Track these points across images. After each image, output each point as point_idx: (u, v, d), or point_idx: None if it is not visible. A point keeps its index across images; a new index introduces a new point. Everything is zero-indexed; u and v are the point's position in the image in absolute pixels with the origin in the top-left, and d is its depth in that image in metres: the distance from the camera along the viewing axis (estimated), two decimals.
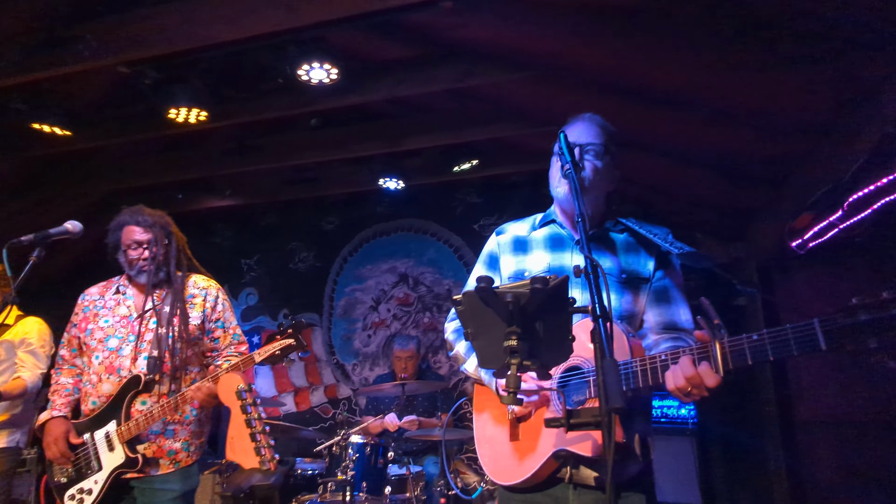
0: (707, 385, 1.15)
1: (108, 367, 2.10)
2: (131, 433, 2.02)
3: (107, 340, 2.14)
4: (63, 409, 2.15)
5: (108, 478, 2.02)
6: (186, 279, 2.26)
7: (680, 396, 1.20)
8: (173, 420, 2.10)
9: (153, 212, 2.25)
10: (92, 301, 2.25)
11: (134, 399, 2.05)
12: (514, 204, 5.06)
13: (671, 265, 1.52)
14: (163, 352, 2.07)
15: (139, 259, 2.15)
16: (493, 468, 1.50)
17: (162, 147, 4.60)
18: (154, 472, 2.06)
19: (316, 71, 2.87)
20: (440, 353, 5.16)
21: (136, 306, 2.19)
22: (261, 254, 5.86)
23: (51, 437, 2.07)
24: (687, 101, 2.70)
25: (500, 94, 3.47)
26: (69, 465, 2.08)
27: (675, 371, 1.19)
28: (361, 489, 3.12)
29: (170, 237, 2.23)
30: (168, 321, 2.11)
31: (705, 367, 1.16)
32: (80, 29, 2.68)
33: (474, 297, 1.05)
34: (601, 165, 1.50)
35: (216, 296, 2.27)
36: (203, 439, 2.23)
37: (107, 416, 2.05)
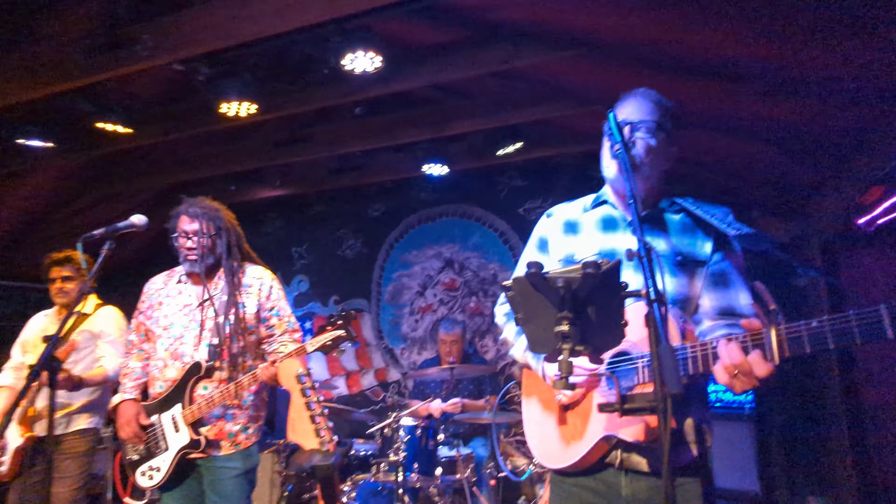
0: (757, 374, 1.11)
1: (172, 354, 2.22)
2: (194, 416, 2.13)
3: (171, 328, 2.26)
4: (133, 392, 2.30)
5: (174, 457, 2.15)
6: (241, 269, 2.34)
7: (728, 384, 1.16)
8: (232, 405, 2.20)
9: (205, 203, 2.32)
10: (156, 290, 2.37)
11: (196, 384, 2.17)
12: (560, 186, 4.98)
13: (731, 247, 1.45)
14: (222, 340, 2.16)
15: (184, 248, 2.25)
16: (541, 451, 1.51)
17: (215, 140, 4.77)
18: (216, 453, 2.18)
19: (360, 59, 2.89)
20: (487, 338, 5.18)
21: (197, 295, 2.30)
22: (310, 242, 6.02)
23: (123, 419, 2.22)
24: (744, 72, 2.56)
25: (544, 75, 3.40)
26: (141, 443, 2.23)
27: (722, 356, 1.15)
28: (413, 470, 3.20)
29: (219, 229, 2.29)
30: (226, 311, 2.20)
31: (756, 354, 1.11)
32: (138, 30, 2.80)
33: (524, 283, 1.05)
34: (655, 143, 1.44)
35: (270, 285, 2.34)
36: (261, 422, 2.33)
37: (172, 399, 2.18)
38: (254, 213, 6.02)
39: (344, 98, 3.46)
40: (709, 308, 1.42)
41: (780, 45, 2.32)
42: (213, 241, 2.27)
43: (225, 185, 5.20)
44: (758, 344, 1.13)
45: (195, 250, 2.24)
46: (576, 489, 1.45)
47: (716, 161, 3.79)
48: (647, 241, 1.09)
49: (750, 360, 1.11)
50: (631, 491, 1.37)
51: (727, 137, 3.29)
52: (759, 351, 1.11)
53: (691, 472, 1.35)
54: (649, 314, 1.01)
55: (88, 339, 2.97)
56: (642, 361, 1.31)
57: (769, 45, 2.33)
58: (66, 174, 4.64)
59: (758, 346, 1.12)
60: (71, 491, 2.86)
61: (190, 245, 2.24)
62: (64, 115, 3.50)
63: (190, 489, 2.22)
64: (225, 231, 2.30)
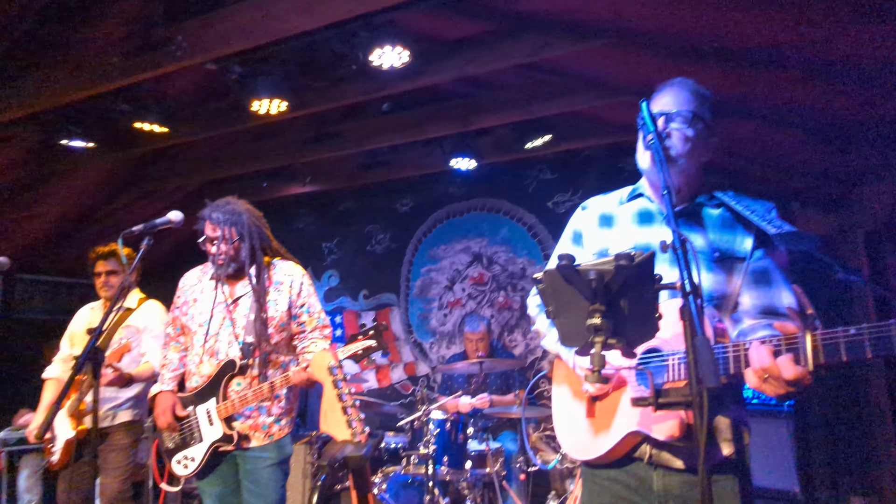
0: (786, 377, 1.07)
1: (208, 350, 2.28)
2: (228, 412, 2.19)
3: (206, 325, 2.31)
4: (170, 384, 2.37)
5: (208, 449, 2.22)
6: (273, 267, 2.38)
7: (758, 388, 1.12)
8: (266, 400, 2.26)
9: (228, 207, 2.32)
10: (191, 286, 2.43)
11: (230, 381, 2.23)
12: (589, 179, 4.91)
13: (773, 243, 1.39)
14: (256, 338, 2.22)
15: (210, 253, 2.31)
16: (568, 442, 1.51)
17: (247, 139, 4.87)
18: (251, 445, 2.24)
19: (387, 55, 2.90)
20: (516, 332, 5.16)
21: (230, 293, 2.35)
22: (340, 237, 6.10)
23: (160, 409, 2.29)
24: (782, 58, 2.47)
25: (573, 66, 3.34)
26: (176, 433, 2.30)
27: (752, 361, 1.12)
28: (443, 463, 3.22)
29: (241, 234, 2.30)
30: (257, 310, 2.25)
31: (786, 358, 1.07)
32: (172, 31, 2.87)
33: (556, 276, 1.04)
34: (692, 134, 1.39)
35: (301, 282, 2.38)
36: (293, 414, 2.38)
37: (207, 393, 2.24)
38: (285, 210, 6.13)
39: (372, 94, 3.48)
40: (749, 307, 1.37)
41: (821, 29, 2.23)
42: (236, 247, 2.29)
43: (257, 183, 5.31)
44: (791, 348, 1.09)
45: (220, 256, 2.29)
46: (607, 482, 1.44)
47: (752, 151, 3.67)
48: (681, 232, 1.06)
49: (779, 364, 1.07)
50: (663, 485, 1.35)
51: (764, 126, 3.19)
52: (791, 354, 1.07)
53: (727, 469, 1.32)
54: (684, 307, 0.99)
55: (133, 333, 3.04)
56: (674, 358, 1.29)
57: (810, 30, 2.24)
58: (107, 173, 4.81)
59: (791, 351, 1.08)
60: (117, 482, 2.93)
61: (214, 251, 2.29)
62: (104, 116, 3.61)
63: (225, 477, 2.29)
64: (248, 235, 2.31)
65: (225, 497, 2.30)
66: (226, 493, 2.30)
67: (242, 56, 3.05)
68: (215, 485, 2.29)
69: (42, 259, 5.36)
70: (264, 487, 2.22)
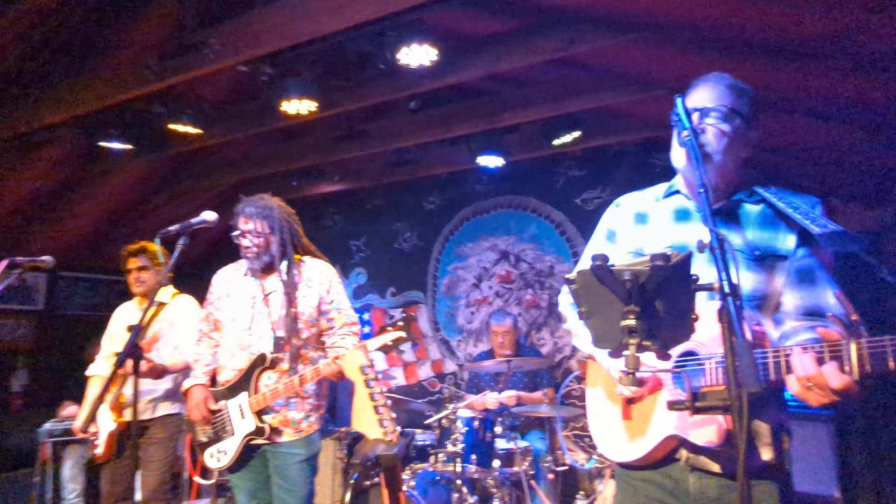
0: (832, 387, 1.02)
1: (239, 344, 2.32)
2: (260, 405, 2.23)
3: (238, 319, 2.36)
4: (203, 378, 2.42)
5: (240, 442, 2.26)
6: (302, 264, 2.42)
7: (801, 397, 1.08)
8: (295, 394, 2.29)
9: (261, 202, 2.38)
10: (225, 281, 2.49)
11: (261, 374, 2.27)
12: (619, 175, 4.83)
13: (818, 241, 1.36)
14: (286, 333, 2.25)
15: (242, 246, 2.35)
16: (604, 444, 1.48)
17: (278, 138, 4.95)
18: (280, 440, 2.27)
19: (415, 53, 2.90)
20: (543, 331, 5.12)
21: (262, 288, 2.39)
22: (368, 235, 6.14)
23: (193, 402, 2.34)
24: (821, 50, 2.38)
25: (602, 60, 3.29)
26: (209, 427, 2.35)
27: (795, 367, 1.07)
28: (471, 461, 3.22)
29: (273, 228, 2.35)
30: (289, 304, 2.29)
31: (832, 366, 1.03)
32: (205, 35, 2.93)
33: (589, 276, 1.02)
34: (728, 129, 1.34)
35: (331, 279, 2.41)
36: (322, 410, 2.41)
37: (239, 387, 2.28)
38: (314, 209, 6.21)
39: (400, 92, 3.50)
40: (792, 308, 1.32)
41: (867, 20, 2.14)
42: (267, 240, 2.35)
43: (287, 182, 5.39)
44: (835, 356, 1.04)
45: (251, 249, 2.33)
46: (642, 484, 1.42)
47: (791, 146, 3.55)
48: (719, 231, 1.03)
49: (824, 372, 1.03)
50: (699, 488, 1.32)
51: (805, 121, 3.08)
52: (836, 363, 1.03)
53: (767, 475, 1.29)
54: (723, 308, 0.96)
55: (167, 327, 3.13)
56: (711, 362, 1.25)
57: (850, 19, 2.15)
58: (143, 174, 4.95)
59: (835, 359, 1.04)
60: (157, 475, 2.99)
61: (246, 244, 2.33)
62: (140, 119, 3.72)
63: (256, 472, 2.33)
64: (279, 229, 2.36)
65: (256, 492, 2.34)
66: (257, 488, 2.34)
67: (272, 58, 3.10)
68: (247, 479, 2.33)
69: (82, 257, 5.56)
70: (293, 483, 2.25)
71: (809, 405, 1.08)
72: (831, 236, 1.15)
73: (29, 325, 5.34)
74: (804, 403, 1.07)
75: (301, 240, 2.48)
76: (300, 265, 2.42)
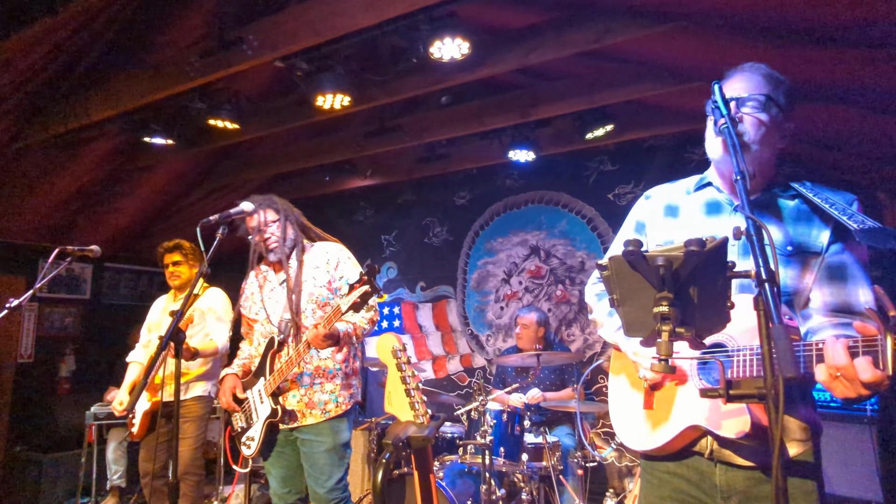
0: (863, 379, 1.01)
1: (262, 333, 2.44)
2: (271, 387, 2.29)
3: (259, 312, 2.47)
4: (235, 369, 2.51)
5: (262, 427, 2.32)
6: (310, 247, 2.50)
7: (827, 386, 1.06)
8: (319, 375, 2.33)
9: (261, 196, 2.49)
10: (248, 285, 2.58)
11: (274, 358, 2.33)
12: (653, 170, 4.74)
13: (853, 237, 1.31)
14: (291, 314, 2.31)
15: (261, 243, 2.43)
16: (624, 432, 1.48)
17: (311, 133, 5.03)
18: (305, 422, 2.31)
19: (447, 47, 2.92)
20: (573, 326, 5.08)
21: (277, 279, 2.49)
22: (399, 230, 6.20)
23: (222, 390, 2.45)
24: (873, 36, 2.29)
25: (636, 52, 3.24)
26: (241, 415, 2.43)
27: (826, 357, 1.06)
28: (499, 454, 3.23)
29: (279, 212, 2.46)
30: (295, 287, 2.35)
31: (865, 360, 1.01)
32: (243, 31, 3.01)
33: (622, 262, 1.02)
34: (765, 119, 1.33)
35: (337, 256, 2.46)
36: (352, 391, 2.42)
37: (259, 374, 2.37)
38: (346, 203, 6.30)
39: (433, 86, 3.51)
40: (821, 304, 1.30)
41: None
42: (279, 227, 2.44)
43: (320, 176, 5.48)
44: (870, 350, 1.02)
45: (272, 238, 2.42)
46: (667, 476, 1.41)
47: (835, 138, 3.43)
48: (757, 218, 1.02)
49: (856, 365, 1.01)
50: (726, 480, 1.31)
51: (850, 111, 2.97)
52: (870, 357, 1.01)
53: (796, 470, 1.26)
54: (760, 295, 0.94)
55: (199, 316, 3.31)
56: (741, 354, 1.23)
57: None
58: (183, 169, 5.11)
59: (869, 353, 1.02)
60: (190, 450, 3.21)
61: (266, 236, 2.42)
62: (181, 114, 3.85)
63: (288, 459, 2.39)
64: (283, 213, 2.46)
65: (287, 479, 2.40)
66: (288, 475, 2.39)
67: (308, 53, 3.16)
68: (279, 466, 2.39)
69: (126, 249, 5.78)
70: (320, 471, 2.29)
71: (834, 396, 1.06)
72: (869, 232, 1.12)
73: (76, 313, 5.60)
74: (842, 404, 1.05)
75: (305, 223, 2.56)
76: (308, 249, 2.50)
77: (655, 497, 1.44)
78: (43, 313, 5.32)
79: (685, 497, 1.37)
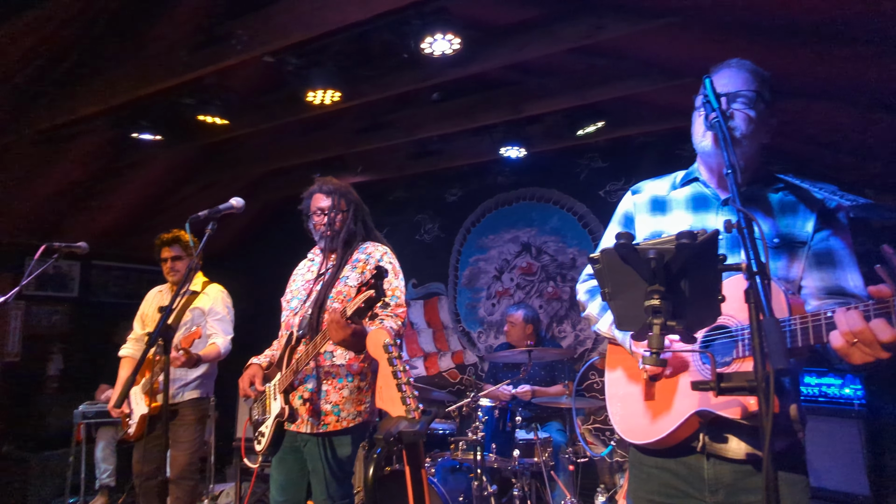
0: (881, 339, 1.02)
1: (286, 325, 2.31)
2: (283, 384, 2.17)
3: (291, 302, 2.35)
4: (262, 359, 2.38)
5: (272, 424, 2.21)
6: (361, 246, 2.37)
7: (845, 353, 1.07)
8: (327, 381, 2.16)
9: (338, 182, 2.41)
10: (296, 271, 2.48)
11: (293, 353, 2.20)
12: (644, 166, 4.75)
13: (838, 223, 1.35)
14: (313, 311, 2.20)
15: (320, 225, 2.33)
16: (624, 426, 1.47)
17: (302, 130, 5.00)
18: (304, 430, 2.15)
19: (439, 42, 2.91)
20: (565, 323, 5.10)
21: (318, 269, 2.38)
22: (390, 226, 6.18)
23: (243, 377, 2.31)
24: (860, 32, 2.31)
25: (628, 49, 3.25)
26: (258, 404, 2.32)
27: (840, 323, 1.06)
28: (491, 450, 3.23)
29: (349, 206, 2.36)
30: (329, 283, 2.24)
31: (880, 321, 1.02)
32: (232, 26, 2.98)
33: (613, 255, 1.02)
34: (754, 114, 1.36)
35: (378, 258, 2.31)
36: (362, 408, 2.20)
37: (277, 367, 2.27)
38: None
39: (423, 82, 3.50)
40: (813, 289, 1.33)
41: None
42: (345, 217, 2.34)
43: (310, 173, 5.43)
44: (882, 312, 1.03)
45: (331, 226, 2.32)
46: (656, 471, 1.41)
47: (825, 134, 3.46)
48: (747, 211, 1.02)
49: (872, 327, 1.03)
50: (714, 474, 1.32)
51: (838, 108, 2.99)
52: (884, 319, 1.02)
53: (783, 462, 1.28)
54: (750, 288, 0.95)
55: (199, 316, 3.21)
56: (744, 333, 1.25)
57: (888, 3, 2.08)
58: (172, 165, 5.06)
59: (882, 315, 1.03)
60: (186, 455, 3.13)
61: (326, 221, 2.32)
62: (170, 110, 3.80)
63: (289, 467, 2.24)
64: (355, 207, 2.38)
65: (286, 488, 2.25)
66: (288, 483, 2.25)
67: (298, 48, 3.13)
68: (281, 472, 2.26)
69: (114, 246, 5.72)
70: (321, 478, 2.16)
71: (851, 363, 1.07)
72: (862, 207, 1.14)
73: (64, 311, 5.53)
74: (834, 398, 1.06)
75: (368, 223, 2.47)
76: (359, 246, 2.37)
77: (644, 492, 1.44)
78: (30, 311, 5.25)
79: (672, 491, 1.38)
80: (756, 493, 1.26)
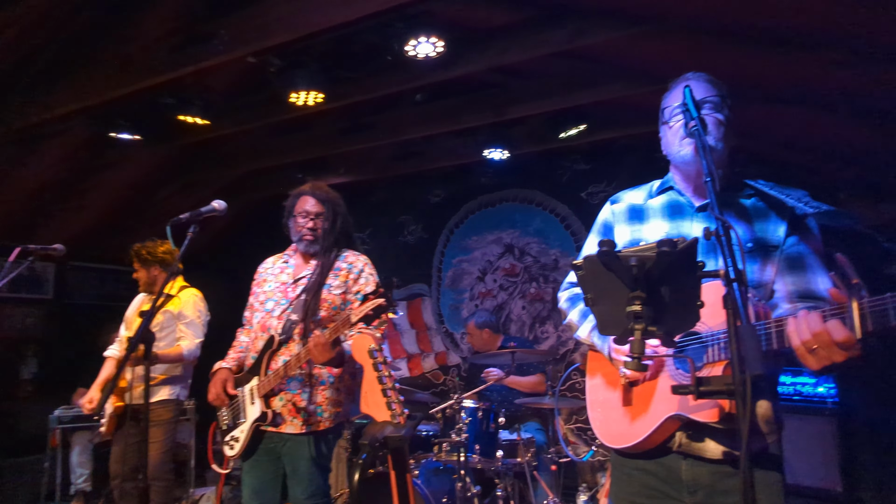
0: (836, 339, 1.05)
1: (262, 327, 2.31)
2: (265, 389, 2.18)
3: (266, 303, 2.35)
4: (230, 362, 2.39)
5: (249, 429, 2.21)
6: (339, 253, 2.40)
7: (806, 357, 1.10)
8: (310, 382, 2.20)
9: (331, 192, 2.43)
10: (265, 269, 2.48)
11: (272, 357, 2.22)
12: (625, 169, 4.82)
13: (807, 229, 1.39)
14: (300, 315, 2.22)
15: (304, 228, 2.34)
16: (603, 431, 1.50)
17: (284, 131, 4.96)
18: (288, 431, 2.18)
19: (422, 45, 2.92)
20: (547, 324, 5.14)
21: (294, 273, 2.39)
22: (373, 227, 6.17)
23: (212, 382, 2.32)
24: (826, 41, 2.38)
25: (610, 53, 3.29)
26: (229, 412, 2.32)
27: (799, 325, 1.10)
28: (475, 451, 3.25)
29: (337, 216, 2.39)
30: (312, 289, 2.26)
31: (835, 322, 1.06)
32: (214, 26, 2.95)
33: (596, 262, 1.04)
34: (723, 118, 1.41)
35: (360, 269, 2.36)
36: (341, 409, 2.29)
37: (253, 371, 2.27)
38: None
39: (407, 84, 3.51)
40: (785, 292, 1.37)
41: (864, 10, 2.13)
42: (330, 227, 2.36)
43: (292, 174, 5.40)
44: (837, 315, 1.07)
45: (314, 231, 2.33)
46: (636, 472, 1.44)
47: (797, 139, 3.55)
48: (725, 219, 1.05)
49: (828, 327, 1.06)
50: (692, 475, 1.35)
51: (810, 113, 3.08)
52: (839, 320, 1.06)
53: (761, 462, 1.31)
54: (728, 295, 0.98)
55: (170, 319, 3.21)
56: (712, 340, 1.28)
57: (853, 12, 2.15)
58: (151, 165, 4.98)
59: (837, 317, 1.07)
60: (159, 454, 3.14)
61: (311, 226, 2.33)
62: (150, 110, 3.74)
63: (263, 470, 2.26)
64: (342, 220, 2.41)
65: (259, 491, 2.26)
66: (261, 487, 2.26)
67: (281, 49, 3.11)
68: (254, 476, 2.27)
69: (92, 247, 5.60)
70: (301, 478, 2.20)
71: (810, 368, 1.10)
72: (826, 214, 1.19)
73: (38, 314, 5.40)
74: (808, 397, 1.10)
75: (351, 233, 2.49)
76: (339, 255, 2.40)
77: (625, 493, 1.47)
78: (2, 313, 5.12)
79: (653, 493, 1.40)
80: (734, 494, 1.29)
